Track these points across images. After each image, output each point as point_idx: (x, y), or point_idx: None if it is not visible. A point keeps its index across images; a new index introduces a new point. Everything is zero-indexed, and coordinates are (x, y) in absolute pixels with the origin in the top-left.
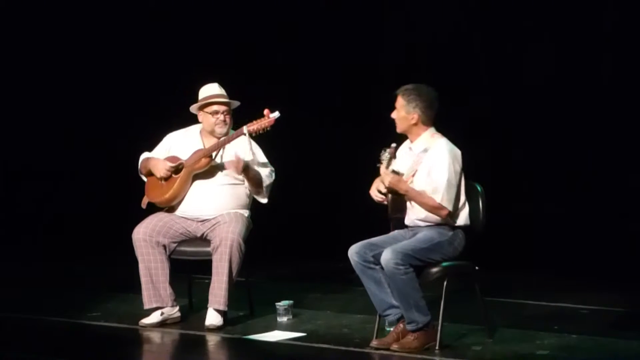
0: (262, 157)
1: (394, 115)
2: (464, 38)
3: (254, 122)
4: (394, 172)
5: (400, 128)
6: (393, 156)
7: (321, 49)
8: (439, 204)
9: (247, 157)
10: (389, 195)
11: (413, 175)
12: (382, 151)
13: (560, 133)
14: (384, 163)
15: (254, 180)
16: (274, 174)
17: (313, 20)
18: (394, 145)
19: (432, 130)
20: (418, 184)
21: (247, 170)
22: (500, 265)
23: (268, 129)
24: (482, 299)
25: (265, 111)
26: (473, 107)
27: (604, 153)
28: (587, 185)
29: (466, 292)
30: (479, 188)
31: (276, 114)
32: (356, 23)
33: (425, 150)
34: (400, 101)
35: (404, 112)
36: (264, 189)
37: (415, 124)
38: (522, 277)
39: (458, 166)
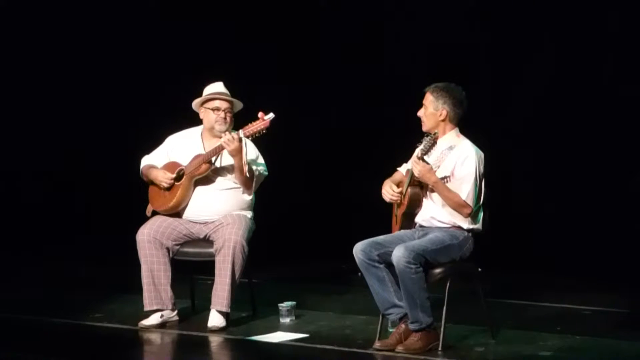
0: (253, 155)
1: (420, 113)
2: (465, 38)
3: (249, 125)
4: (424, 162)
5: (427, 126)
6: (435, 142)
7: (322, 48)
8: (464, 201)
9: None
10: (409, 190)
11: (435, 172)
12: (426, 136)
13: (561, 133)
14: (424, 149)
15: (243, 171)
16: (265, 172)
17: (313, 19)
18: (436, 132)
19: (457, 130)
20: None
21: (238, 155)
22: (502, 266)
23: (264, 131)
24: (485, 300)
25: (260, 114)
26: (473, 108)
27: (604, 153)
28: (589, 185)
29: (469, 293)
30: (484, 190)
31: (271, 116)
32: (357, 23)
33: (451, 148)
34: (429, 98)
35: (433, 108)
36: (252, 185)
37: (443, 121)
38: (524, 278)
39: (482, 168)
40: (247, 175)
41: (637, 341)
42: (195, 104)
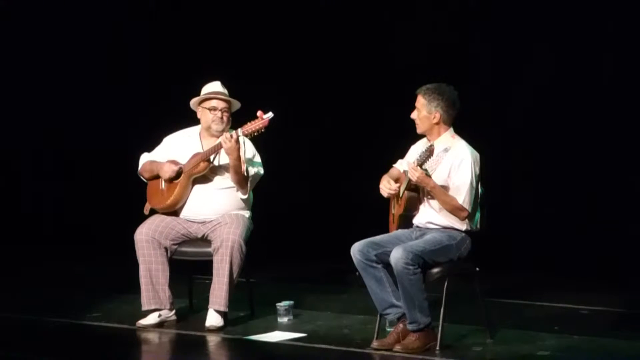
0: (249, 154)
1: (414, 115)
2: (465, 38)
3: (248, 124)
4: (421, 168)
5: (421, 128)
6: (431, 154)
7: (322, 48)
8: (461, 205)
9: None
10: (405, 193)
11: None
12: (424, 149)
13: (561, 133)
14: (420, 159)
15: (238, 170)
16: (261, 171)
17: (314, 19)
18: (433, 143)
19: (452, 131)
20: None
21: (237, 153)
22: (500, 266)
23: (262, 130)
24: (483, 300)
25: (259, 113)
26: (473, 108)
27: (604, 153)
28: (588, 185)
29: (467, 292)
30: (480, 189)
31: (269, 115)
32: (357, 23)
33: (446, 150)
34: (421, 100)
35: (426, 111)
36: (247, 185)
37: (437, 124)
38: (522, 277)
39: (477, 169)
40: (244, 174)
41: (634, 340)
42: (192, 103)
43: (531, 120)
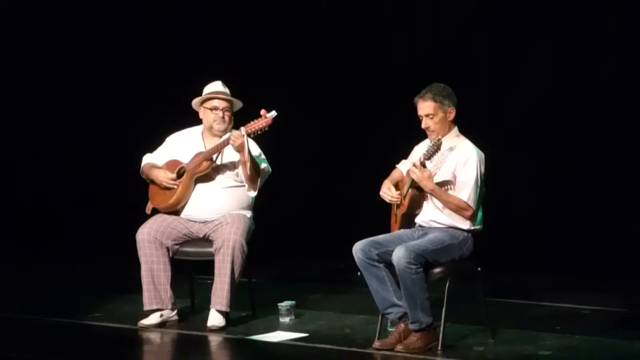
0: (255, 152)
1: (427, 123)
2: (465, 39)
3: (252, 122)
4: (424, 167)
5: (439, 133)
6: (439, 148)
7: (321, 49)
8: (466, 203)
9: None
10: (410, 191)
11: (435, 174)
12: (431, 143)
13: (560, 133)
14: (427, 154)
15: (251, 167)
16: (269, 169)
17: (313, 20)
18: (440, 138)
19: (456, 130)
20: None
21: (244, 151)
22: (502, 266)
23: (266, 129)
24: (484, 300)
25: (262, 111)
26: (473, 108)
27: (604, 153)
28: (588, 185)
29: (468, 292)
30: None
31: (273, 114)
32: (356, 23)
33: (451, 149)
34: (431, 105)
35: (442, 112)
36: (258, 180)
37: (451, 120)
38: (524, 277)
39: (483, 168)
40: (249, 172)
41: (635, 340)
42: (194, 103)
43: (531, 120)
